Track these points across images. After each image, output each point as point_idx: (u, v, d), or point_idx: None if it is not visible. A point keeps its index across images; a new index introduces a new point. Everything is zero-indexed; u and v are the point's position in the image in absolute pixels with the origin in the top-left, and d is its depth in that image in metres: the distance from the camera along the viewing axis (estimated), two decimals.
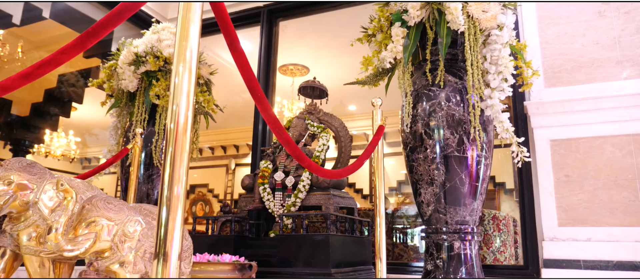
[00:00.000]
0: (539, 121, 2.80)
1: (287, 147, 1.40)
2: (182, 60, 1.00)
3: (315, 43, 6.39)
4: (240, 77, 3.24)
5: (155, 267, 0.91)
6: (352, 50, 7.19)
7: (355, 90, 3.94)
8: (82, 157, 10.75)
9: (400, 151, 9.54)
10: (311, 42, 6.33)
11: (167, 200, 0.93)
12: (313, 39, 6.20)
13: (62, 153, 9.01)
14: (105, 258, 1.44)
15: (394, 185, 9.72)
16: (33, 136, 5.16)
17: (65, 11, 3.68)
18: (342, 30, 5.79)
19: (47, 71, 1.19)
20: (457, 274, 2.30)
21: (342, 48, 6.37)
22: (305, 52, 6.65)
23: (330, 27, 5.73)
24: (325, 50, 6.61)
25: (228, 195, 10.95)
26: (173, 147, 0.94)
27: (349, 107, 8.96)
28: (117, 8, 1.10)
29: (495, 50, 2.38)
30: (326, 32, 5.92)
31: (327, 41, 6.24)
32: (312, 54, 6.80)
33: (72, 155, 9.15)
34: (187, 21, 1.02)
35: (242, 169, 11.13)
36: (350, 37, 6.55)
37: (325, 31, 5.89)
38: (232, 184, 11.07)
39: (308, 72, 7.28)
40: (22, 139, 5.01)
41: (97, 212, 1.41)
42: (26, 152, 5.16)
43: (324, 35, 6.03)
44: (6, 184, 1.61)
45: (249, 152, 11.25)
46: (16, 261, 1.73)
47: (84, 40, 1.13)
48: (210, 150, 10.89)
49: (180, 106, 0.97)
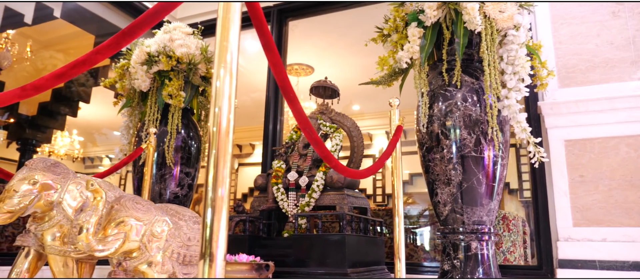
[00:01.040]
0: (553, 121, 2.80)
1: (316, 147, 1.40)
2: (223, 63, 1.00)
3: (320, 43, 6.39)
4: (248, 78, 3.19)
5: (201, 267, 0.91)
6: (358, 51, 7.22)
7: (359, 90, 3.94)
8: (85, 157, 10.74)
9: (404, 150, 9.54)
10: (316, 42, 6.33)
11: (211, 202, 0.93)
12: (318, 39, 6.20)
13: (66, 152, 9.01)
14: (134, 258, 1.44)
15: None
16: (41, 135, 5.16)
17: (75, 11, 3.68)
18: (348, 30, 5.80)
19: (81, 71, 1.19)
20: (475, 274, 2.30)
21: (348, 48, 6.37)
22: (310, 51, 6.65)
23: (335, 27, 5.73)
24: (330, 50, 6.61)
25: (231, 195, 10.96)
26: (216, 149, 0.95)
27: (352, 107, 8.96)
28: (153, 8, 1.10)
29: (512, 51, 2.39)
30: (332, 32, 5.92)
31: (333, 41, 6.24)
32: (317, 54, 6.80)
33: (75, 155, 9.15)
34: (227, 22, 1.02)
35: (246, 168, 11.13)
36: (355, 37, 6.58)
37: (330, 31, 5.89)
38: (235, 184, 11.07)
39: (313, 71, 7.28)
40: (30, 138, 5.00)
41: (126, 212, 1.41)
42: (33, 151, 5.15)
43: (329, 35, 6.03)
44: (31, 183, 1.61)
45: (252, 151, 11.27)
46: (40, 261, 1.73)
47: (119, 40, 1.13)
48: None
49: (222, 109, 0.97)
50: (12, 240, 3.21)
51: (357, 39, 6.11)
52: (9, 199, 1.57)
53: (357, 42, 6.25)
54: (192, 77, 3.21)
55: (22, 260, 1.69)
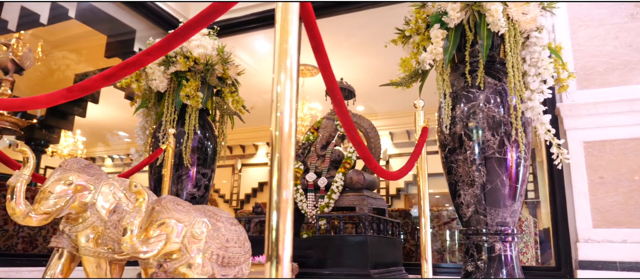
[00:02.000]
0: (571, 123, 2.81)
1: (358, 149, 1.40)
2: (283, 69, 1.00)
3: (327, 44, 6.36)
4: (258, 79, 3.19)
5: (268, 269, 0.91)
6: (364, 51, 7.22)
7: (362, 91, 3.91)
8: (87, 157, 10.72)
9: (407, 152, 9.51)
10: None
11: (276, 205, 0.94)
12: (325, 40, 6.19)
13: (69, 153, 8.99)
14: (174, 260, 1.44)
15: (402, 185, 9.75)
16: (49, 136, 5.14)
17: (90, 11, 3.67)
18: (355, 31, 5.80)
19: (130, 72, 1.18)
20: (498, 275, 2.31)
21: (354, 49, 6.38)
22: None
23: (342, 29, 5.74)
24: (336, 50, 6.63)
25: (234, 196, 10.95)
26: (279, 153, 0.95)
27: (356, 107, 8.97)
28: (207, 9, 1.10)
29: (535, 52, 2.40)
30: (338, 33, 5.92)
31: (339, 42, 6.25)
32: None
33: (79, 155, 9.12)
34: (286, 24, 1.02)
35: (249, 169, 11.13)
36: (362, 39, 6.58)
37: (337, 32, 5.90)
38: (238, 184, 11.07)
39: (318, 72, 7.29)
40: (39, 139, 4.98)
41: (168, 214, 1.41)
42: (42, 152, 5.14)
43: (336, 37, 6.04)
44: (66, 184, 1.61)
45: (255, 152, 11.26)
46: (73, 262, 1.73)
47: (170, 41, 1.13)
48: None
49: (283, 114, 0.98)
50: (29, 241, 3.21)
51: (364, 40, 6.13)
52: (45, 200, 1.57)
53: (364, 43, 6.27)
54: (209, 78, 3.21)
55: (55, 262, 1.69)
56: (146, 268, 1.91)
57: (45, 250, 3.28)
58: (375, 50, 6.33)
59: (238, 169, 11.12)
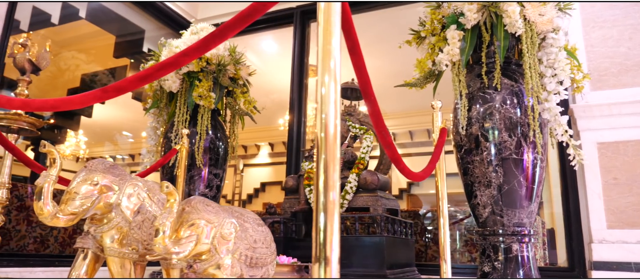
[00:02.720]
0: (585, 124, 2.81)
1: (387, 150, 1.40)
2: (327, 70, 1.00)
3: None
4: (266, 79, 3.16)
5: (317, 270, 0.91)
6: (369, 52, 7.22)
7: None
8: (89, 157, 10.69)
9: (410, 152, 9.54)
10: None
11: (323, 206, 0.94)
12: None
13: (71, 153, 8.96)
14: (204, 261, 1.43)
15: (405, 186, 9.75)
16: (55, 136, 5.13)
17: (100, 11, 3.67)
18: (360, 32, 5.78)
19: (167, 72, 1.18)
20: (515, 276, 2.31)
21: None
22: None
23: None
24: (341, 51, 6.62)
25: (236, 196, 10.94)
26: (325, 154, 0.95)
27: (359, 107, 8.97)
28: (247, 9, 1.10)
29: (552, 54, 2.40)
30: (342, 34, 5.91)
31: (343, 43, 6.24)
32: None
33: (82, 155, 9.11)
34: (329, 26, 1.03)
35: (251, 169, 11.12)
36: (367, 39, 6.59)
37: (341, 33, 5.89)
38: (240, 185, 11.05)
39: None
40: (45, 138, 4.97)
41: (198, 215, 1.41)
42: None
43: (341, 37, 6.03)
44: (92, 185, 1.61)
45: (257, 152, 11.26)
46: (97, 263, 1.73)
47: (208, 42, 1.13)
48: None
49: (328, 115, 0.98)
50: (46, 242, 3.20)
51: (369, 41, 6.13)
52: (71, 201, 1.56)
53: (368, 44, 6.27)
54: (221, 78, 3.20)
55: (80, 263, 1.69)
56: (168, 269, 1.91)
57: (56, 250, 3.27)
58: (379, 51, 6.34)
59: (240, 169, 11.11)
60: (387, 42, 6.45)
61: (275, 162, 10.97)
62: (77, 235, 3.45)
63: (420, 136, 9.22)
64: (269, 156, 11.15)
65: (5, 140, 1.89)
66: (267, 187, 10.98)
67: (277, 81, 6.84)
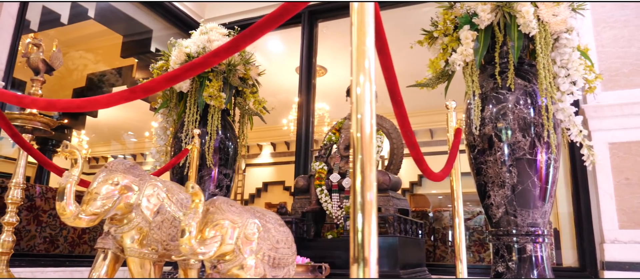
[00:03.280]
0: (596, 124, 2.82)
1: (412, 151, 1.40)
2: (362, 70, 1.00)
3: (335, 44, 6.42)
4: (271, 79, 3.13)
5: (355, 271, 0.91)
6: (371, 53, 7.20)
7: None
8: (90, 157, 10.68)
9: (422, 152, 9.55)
10: (331, 44, 6.36)
11: (361, 207, 0.93)
12: (333, 41, 6.23)
13: None
14: (227, 261, 1.43)
15: (407, 186, 9.75)
16: (60, 136, 5.12)
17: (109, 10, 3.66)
18: None
19: (196, 73, 1.18)
20: (529, 276, 2.31)
21: None
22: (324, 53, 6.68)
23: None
24: (344, 51, 6.64)
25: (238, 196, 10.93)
26: (361, 154, 0.95)
27: None
28: (278, 10, 1.09)
29: (566, 54, 2.40)
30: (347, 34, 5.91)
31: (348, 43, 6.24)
32: (332, 55, 6.83)
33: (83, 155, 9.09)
34: (363, 26, 1.02)
35: (253, 169, 11.11)
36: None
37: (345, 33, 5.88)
38: (242, 185, 11.04)
39: (326, 72, 7.30)
40: (52, 138, 4.97)
41: (222, 215, 1.41)
42: (53, 152, 5.12)
43: (344, 37, 6.05)
44: (113, 185, 1.61)
45: (260, 152, 11.25)
46: (117, 263, 1.72)
47: (238, 42, 1.13)
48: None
49: (364, 115, 0.97)
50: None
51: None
52: (93, 201, 1.56)
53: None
54: (231, 78, 3.20)
55: (100, 264, 1.68)
56: (186, 269, 1.91)
57: (66, 250, 3.27)
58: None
59: (242, 169, 11.10)
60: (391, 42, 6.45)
61: (278, 162, 10.97)
62: (87, 235, 3.44)
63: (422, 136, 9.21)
64: (271, 156, 11.15)
65: (23, 141, 1.89)
66: (269, 186, 10.97)
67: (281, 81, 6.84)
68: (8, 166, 5.24)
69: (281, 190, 10.65)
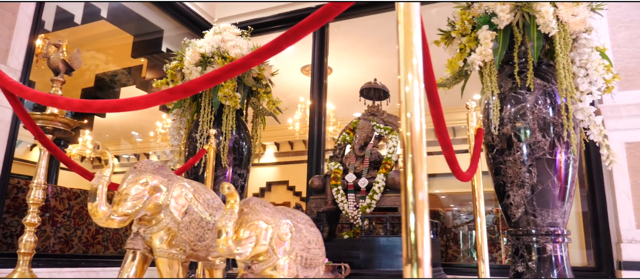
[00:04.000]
0: (613, 124, 2.82)
1: (445, 151, 1.40)
2: (410, 68, 1.00)
3: (340, 44, 6.42)
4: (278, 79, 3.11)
5: (409, 272, 0.91)
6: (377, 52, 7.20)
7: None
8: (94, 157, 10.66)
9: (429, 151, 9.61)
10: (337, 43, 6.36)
11: (413, 207, 0.93)
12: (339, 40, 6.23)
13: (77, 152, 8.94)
14: (261, 262, 1.43)
15: None
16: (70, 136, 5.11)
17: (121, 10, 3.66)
18: (369, 32, 5.81)
19: (237, 74, 1.18)
20: (549, 276, 2.32)
21: (367, 49, 6.38)
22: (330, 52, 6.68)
23: (357, 29, 5.75)
24: (349, 51, 6.65)
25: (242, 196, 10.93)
26: (412, 154, 0.94)
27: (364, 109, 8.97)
28: (321, 10, 1.09)
29: (585, 54, 2.41)
30: (353, 34, 5.94)
31: (353, 42, 6.26)
32: (337, 55, 6.83)
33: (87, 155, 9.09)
34: (410, 25, 1.02)
35: (257, 169, 11.10)
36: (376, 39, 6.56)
37: (351, 33, 5.92)
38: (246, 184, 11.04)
39: (331, 72, 7.28)
40: (59, 138, 4.96)
41: (256, 215, 1.41)
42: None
43: (350, 37, 6.06)
44: (142, 185, 1.61)
45: (263, 151, 11.24)
46: (146, 263, 1.72)
47: (281, 42, 1.12)
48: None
49: (414, 114, 0.97)
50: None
51: (377, 40, 6.13)
52: (124, 202, 1.56)
53: (377, 44, 6.27)
54: (246, 79, 3.20)
55: (129, 264, 1.68)
56: (212, 269, 1.91)
57: (80, 250, 3.27)
58: (388, 51, 6.34)
59: None
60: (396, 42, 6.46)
61: (281, 162, 10.98)
62: (100, 236, 3.44)
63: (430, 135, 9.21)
64: (274, 156, 11.14)
65: (48, 142, 1.89)
66: (273, 186, 10.97)
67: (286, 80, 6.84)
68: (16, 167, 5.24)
69: (285, 190, 10.65)
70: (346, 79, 7.18)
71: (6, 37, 2.62)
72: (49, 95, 1.47)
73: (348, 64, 6.95)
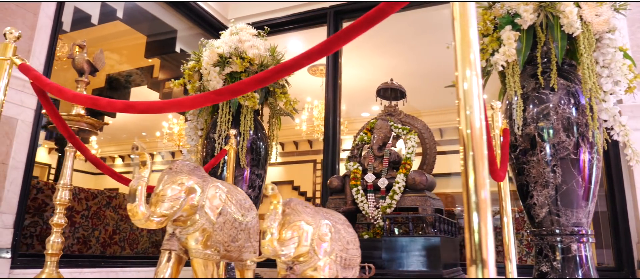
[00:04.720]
0: (633, 124, 2.82)
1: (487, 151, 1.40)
2: (468, 64, 0.99)
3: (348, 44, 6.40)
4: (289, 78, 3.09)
5: (474, 272, 0.91)
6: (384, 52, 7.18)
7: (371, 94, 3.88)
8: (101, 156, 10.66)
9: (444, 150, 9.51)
10: None
11: (476, 206, 0.93)
12: None
13: None
14: (302, 262, 1.43)
15: None
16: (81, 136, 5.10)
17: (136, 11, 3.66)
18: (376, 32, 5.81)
19: (287, 74, 1.18)
20: (574, 275, 2.32)
21: (374, 49, 6.38)
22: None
23: None
24: (357, 50, 6.65)
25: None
26: (473, 151, 0.94)
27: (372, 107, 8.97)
28: (374, 11, 1.09)
29: (608, 54, 2.41)
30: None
31: (360, 42, 6.24)
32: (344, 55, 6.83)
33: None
34: (466, 22, 1.02)
35: None
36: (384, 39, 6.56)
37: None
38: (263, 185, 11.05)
39: None
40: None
41: (298, 216, 1.41)
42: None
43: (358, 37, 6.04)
44: (178, 186, 1.61)
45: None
46: (180, 264, 1.72)
47: (331, 44, 1.13)
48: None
49: (473, 111, 0.97)
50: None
51: (385, 40, 6.13)
52: (161, 203, 1.56)
53: (384, 44, 6.27)
54: None
55: (165, 265, 1.68)
56: (243, 270, 1.91)
57: (97, 251, 3.27)
58: (395, 50, 6.34)
59: None
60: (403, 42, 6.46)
61: (286, 162, 10.98)
62: (117, 236, 3.44)
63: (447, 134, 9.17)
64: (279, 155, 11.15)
65: (78, 142, 1.89)
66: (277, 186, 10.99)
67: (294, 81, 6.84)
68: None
69: (290, 190, 10.66)
70: (353, 79, 7.18)
71: (28, 37, 2.61)
72: (91, 97, 1.47)
73: (355, 64, 6.95)
